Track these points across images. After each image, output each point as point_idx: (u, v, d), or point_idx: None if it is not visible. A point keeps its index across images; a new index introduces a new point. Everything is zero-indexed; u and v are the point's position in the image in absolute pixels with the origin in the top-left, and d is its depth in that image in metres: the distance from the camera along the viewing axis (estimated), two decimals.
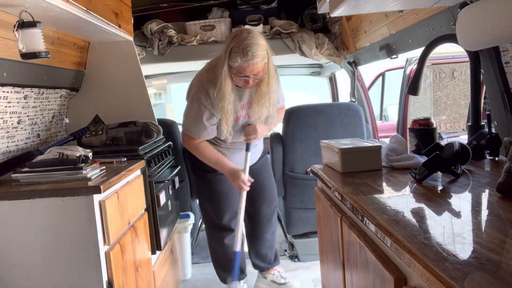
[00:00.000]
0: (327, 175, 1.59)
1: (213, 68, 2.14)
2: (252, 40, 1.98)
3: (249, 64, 1.99)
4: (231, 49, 1.98)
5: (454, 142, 1.41)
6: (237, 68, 2.01)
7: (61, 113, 2.53)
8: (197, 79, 2.23)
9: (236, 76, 2.05)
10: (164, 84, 5.58)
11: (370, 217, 1.05)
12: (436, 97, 4.30)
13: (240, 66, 2.00)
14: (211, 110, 2.15)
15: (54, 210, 1.55)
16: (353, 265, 1.27)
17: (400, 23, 2.20)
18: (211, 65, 2.20)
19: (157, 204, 2.20)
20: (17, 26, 1.56)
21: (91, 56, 2.62)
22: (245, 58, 1.97)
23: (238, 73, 2.04)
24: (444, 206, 1.10)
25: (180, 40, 3.14)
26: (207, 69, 2.21)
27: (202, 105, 2.14)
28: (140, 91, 2.69)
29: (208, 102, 2.13)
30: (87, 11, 1.90)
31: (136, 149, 2.17)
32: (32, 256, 1.57)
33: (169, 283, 2.49)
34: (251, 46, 1.97)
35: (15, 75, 1.84)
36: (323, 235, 1.72)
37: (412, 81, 1.81)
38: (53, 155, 1.70)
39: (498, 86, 1.59)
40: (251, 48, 1.96)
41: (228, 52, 1.99)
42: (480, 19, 1.31)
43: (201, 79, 2.19)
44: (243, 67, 2.00)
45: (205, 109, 2.15)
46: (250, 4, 3.22)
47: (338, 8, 1.65)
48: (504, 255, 0.76)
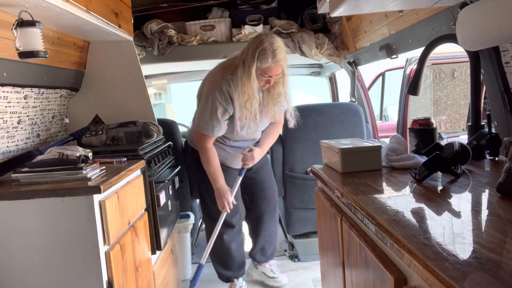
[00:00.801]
0: (327, 175, 1.59)
1: (227, 68, 2.28)
2: (278, 44, 2.19)
3: (276, 65, 2.17)
4: (259, 51, 2.14)
5: (454, 142, 1.41)
6: (265, 69, 2.17)
7: (61, 113, 2.53)
8: (211, 77, 2.34)
9: (261, 77, 2.20)
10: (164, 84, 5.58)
11: (370, 217, 1.05)
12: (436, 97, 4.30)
13: (269, 67, 2.16)
14: (225, 106, 2.26)
15: (54, 210, 1.55)
16: (353, 265, 1.27)
17: (400, 23, 2.20)
18: (224, 66, 2.33)
19: (157, 204, 2.20)
20: (15, 25, 1.56)
21: (91, 56, 2.62)
22: (275, 59, 2.15)
23: (263, 74, 2.19)
24: (444, 206, 1.10)
25: (180, 40, 3.14)
26: (220, 69, 2.32)
27: (217, 101, 2.25)
28: (140, 91, 2.69)
29: (223, 98, 2.24)
30: (87, 11, 1.90)
31: (136, 149, 2.17)
32: (32, 256, 1.57)
33: (169, 283, 2.49)
34: (279, 49, 2.17)
35: (15, 75, 1.84)
36: (323, 235, 1.72)
37: (412, 81, 1.81)
38: (53, 155, 1.70)
39: (498, 86, 1.59)
40: (279, 50, 2.16)
41: (257, 54, 2.14)
42: (480, 19, 1.31)
43: (215, 77, 2.29)
44: (271, 67, 2.16)
45: (220, 105, 2.25)
46: (250, 4, 3.22)
47: (338, 8, 1.65)
48: (504, 255, 0.76)
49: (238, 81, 2.19)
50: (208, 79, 2.36)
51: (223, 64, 2.36)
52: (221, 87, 2.24)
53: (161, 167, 2.45)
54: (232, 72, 2.24)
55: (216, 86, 2.25)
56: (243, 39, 3.15)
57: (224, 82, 2.24)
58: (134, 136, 2.31)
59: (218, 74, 2.28)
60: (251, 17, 3.20)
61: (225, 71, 2.27)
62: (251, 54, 2.16)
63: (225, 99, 2.25)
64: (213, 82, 2.28)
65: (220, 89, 2.24)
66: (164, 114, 6.48)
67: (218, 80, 2.26)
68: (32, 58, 1.61)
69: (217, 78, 2.27)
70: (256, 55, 2.14)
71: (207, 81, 2.36)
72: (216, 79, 2.27)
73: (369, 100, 3.50)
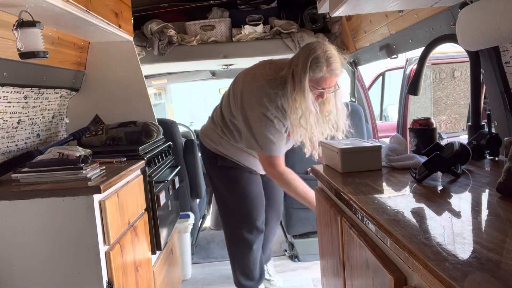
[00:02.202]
0: (327, 175, 1.59)
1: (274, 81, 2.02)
2: (333, 51, 1.94)
3: (331, 75, 1.94)
4: (311, 60, 1.89)
5: (454, 142, 1.41)
6: (318, 80, 1.93)
7: (61, 113, 2.53)
8: (260, 93, 2.01)
9: (313, 89, 1.95)
10: (164, 84, 5.58)
11: (370, 217, 1.05)
12: (436, 97, 4.30)
13: (323, 77, 1.92)
14: (284, 122, 2.04)
15: (54, 210, 1.55)
16: (353, 265, 1.27)
17: (400, 23, 2.20)
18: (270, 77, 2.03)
19: (157, 204, 2.20)
20: (16, 25, 1.56)
21: (91, 56, 2.62)
22: (329, 68, 1.91)
23: (316, 86, 1.95)
24: (444, 206, 1.10)
25: (180, 40, 3.14)
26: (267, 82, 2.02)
27: (275, 119, 2.02)
28: (140, 91, 2.69)
29: (280, 115, 2.02)
30: (87, 11, 1.90)
31: (136, 149, 2.17)
32: (32, 256, 1.57)
33: (169, 283, 2.49)
34: (334, 57, 1.92)
35: (15, 75, 1.84)
36: (323, 235, 1.72)
37: (412, 81, 1.81)
38: (53, 155, 1.70)
39: (498, 86, 1.59)
40: (334, 59, 1.92)
41: (309, 63, 1.89)
42: (480, 19, 1.31)
43: (266, 93, 2.00)
44: (325, 78, 1.93)
45: (279, 121, 2.03)
46: (250, 4, 3.22)
47: (338, 8, 1.65)
48: (504, 255, 0.76)
49: (289, 96, 1.95)
50: (260, 96, 2.01)
51: (266, 75, 2.04)
52: (277, 103, 2.00)
53: (161, 167, 2.45)
54: (281, 86, 2.00)
55: (272, 103, 1.99)
56: (243, 39, 3.15)
57: (277, 98, 2.00)
58: (134, 136, 2.31)
59: (268, 90, 2.00)
60: (251, 17, 3.20)
61: (274, 86, 2.00)
62: (302, 63, 1.91)
63: (282, 115, 2.02)
64: (268, 100, 2.00)
65: (277, 106, 2.00)
66: (164, 114, 6.48)
67: (271, 96, 1.99)
68: (33, 58, 1.61)
69: (270, 95, 1.99)
70: (308, 64, 1.89)
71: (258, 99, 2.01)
72: (269, 95, 1.99)
73: (369, 100, 3.50)
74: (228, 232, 2.42)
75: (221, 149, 2.27)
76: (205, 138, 2.34)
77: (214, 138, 2.28)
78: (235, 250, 2.41)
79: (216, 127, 2.27)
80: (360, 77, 3.45)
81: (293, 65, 1.97)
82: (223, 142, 2.25)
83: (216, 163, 2.30)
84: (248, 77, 2.11)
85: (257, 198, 2.33)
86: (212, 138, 2.29)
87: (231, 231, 2.40)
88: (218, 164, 2.28)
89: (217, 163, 2.29)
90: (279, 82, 2.00)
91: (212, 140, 2.29)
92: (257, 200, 2.32)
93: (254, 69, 2.15)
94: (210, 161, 2.33)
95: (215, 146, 2.28)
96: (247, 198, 2.29)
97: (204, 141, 2.34)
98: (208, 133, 2.32)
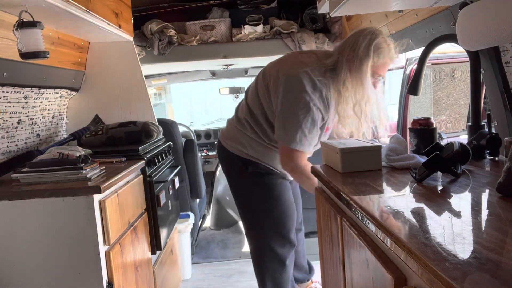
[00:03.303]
0: (327, 175, 1.59)
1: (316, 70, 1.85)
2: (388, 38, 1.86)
3: (392, 61, 1.85)
4: (375, 45, 1.78)
5: (454, 142, 1.41)
6: (379, 66, 1.82)
7: (61, 113, 2.53)
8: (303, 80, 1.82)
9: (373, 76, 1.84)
10: (164, 84, 5.58)
11: (370, 217, 1.05)
12: (436, 97, 4.30)
13: (384, 63, 1.83)
14: (324, 115, 1.88)
15: (54, 210, 1.55)
16: (353, 265, 1.27)
17: (400, 23, 2.20)
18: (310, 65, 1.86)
19: (157, 204, 2.20)
20: (16, 26, 1.56)
21: (91, 56, 2.62)
22: (391, 53, 1.82)
23: (375, 72, 1.83)
24: (444, 206, 1.10)
25: (180, 40, 3.14)
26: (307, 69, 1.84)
27: (318, 110, 1.84)
28: (140, 91, 2.69)
29: (322, 106, 1.85)
30: (87, 11, 1.90)
31: (136, 149, 2.17)
32: (32, 256, 1.57)
33: (169, 283, 2.49)
34: (393, 43, 1.85)
35: (15, 75, 1.84)
36: (323, 235, 1.71)
37: (412, 81, 1.81)
38: (53, 155, 1.70)
39: (498, 86, 1.59)
40: (393, 45, 1.84)
41: (372, 47, 1.78)
42: (480, 19, 1.31)
43: (309, 80, 1.82)
44: (385, 64, 1.84)
45: (320, 114, 1.85)
46: (250, 4, 3.22)
47: (338, 8, 1.65)
48: (504, 255, 0.76)
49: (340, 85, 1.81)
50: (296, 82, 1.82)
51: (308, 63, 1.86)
52: (322, 91, 1.82)
53: (161, 167, 2.45)
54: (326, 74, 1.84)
55: (315, 92, 1.82)
56: (243, 39, 3.15)
57: (322, 88, 1.83)
58: (134, 136, 2.31)
59: (312, 77, 1.82)
60: (251, 17, 3.20)
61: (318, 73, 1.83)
62: (364, 47, 1.77)
63: (324, 107, 1.86)
64: (312, 86, 1.82)
65: (321, 95, 1.82)
66: (164, 114, 6.48)
67: (315, 84, 1.82)
68: (34, 58, 1.61)
69: (314, 82, 1.82)
70: (371, 48, 1.77)
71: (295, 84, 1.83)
72: (314, 82, 1.81)
73: None
74: (259, 247, 2.13)
75: (252, 153, 2.02)
76: (229, 142, 2.08)
77: (244, 141, 2.03)
78: (266, 266, 2.12)
79: (244, 127, 2.03)
80: None
81: (346, 51, 1.82)
82: (254, 145, 2.02)
83: (246, 170, 2.03)
84: (286, 64, 1.93)
85: (291, 206, 2.12)
86: (241, 141, 2.04)
87: (262, 245, 2.11)
88: (249, 171, 2.03)
89: (248, 170, 2.03)
90: (323, 70, 1.85)
91: (240, 143, 2.04)
92: (291, 209, 2.11)
93: (290, 57, 1.99)
94: (238, 167, 2.06)
95: (245, 151, 2.03)
96: (281, 206, 2.07)
97: (229, 145, 2.08)
98: (235, 136, 2.06)
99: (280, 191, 2.07)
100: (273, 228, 2.06)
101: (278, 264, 2.10)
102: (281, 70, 1.90)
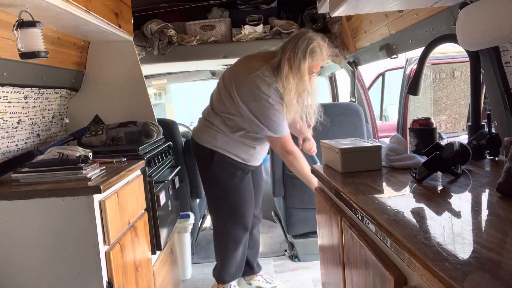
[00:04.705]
0: (327, 175, 1.59)
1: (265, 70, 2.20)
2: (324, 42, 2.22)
3: (324, 62, 2.24)
4: (310, 49, 2.16)
5: (454, 142, 1.41)
6: (314, 65, 2.20)
7: (61, 113, 2.53)
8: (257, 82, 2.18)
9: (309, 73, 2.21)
10: (164, 84, 5.58)
11: (370, 217, 1.05)
12: (436, 97, 4.30)
13: (318, 64, 2.21)
14: (281, 103, 2.22)
15: (54, 210, 1.55)
16: (353, 265, 1.27)
17: (400, 23, 2.20)
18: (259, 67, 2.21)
19: (157, 204, 2.20)
20: (16, 26, 1.56)
21: (91, 56, 2.62)
22: (325, 55, 2.20)
23: (311, 70, 2.20)
24: (444, 206, 1.10)
25: (180, 40, 3.14)
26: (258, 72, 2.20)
27: (277, 103, 2.20)
28: (140, 91, 2.69)
29: (278, 97, 2.20)
30: (87, 11, 1.90)
31: (136, 149, 2.17)
32: (32, 256, 1.57)
33: (169, 283, 2.49)
34: (326, 47, 2.23)
35: (15, 75, 1.84)
36: (323, 235, 1.72)
37: (412, 81, 1.81)
38: (53, 155, 1.70)
39: (498, 86, 1.59)
40: (327, 48, 2.22)
41: (308, 51, 2.16)
42: (480, 19, 1.31)
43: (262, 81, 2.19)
44: (319, 64, 2.22)
45: (279, 104, 2.21)
46: (250, 4, 3.22)
47: (338, 8, 1.65)
48: (504, 255, 0.76)
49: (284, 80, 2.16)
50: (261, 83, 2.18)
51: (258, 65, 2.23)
52: (276, 87, 2.19)
53: (161, 167, 2.45)
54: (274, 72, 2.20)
55: (271, 88, 2.18)
56: (243, 39, 3.15)
57: (273, 82, 2.19)
58: (134, 136, 2.31)
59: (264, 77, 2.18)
60: (251, 17, 3.20)
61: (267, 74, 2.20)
62: (301, 51, 2.15)
63: (279, 97, 2.20)
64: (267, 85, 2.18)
65: (275, 89, 2.19)
66: (164, 114, 6.48)
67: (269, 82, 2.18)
68: (34, 58, 1.61)
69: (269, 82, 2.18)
70: (307, 52, 2.15)
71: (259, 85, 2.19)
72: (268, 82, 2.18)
73: (369, 100, 3.50)
74: (218, 228, 2.51)
75: (219, 144, 2.33)
76: (199, 136, 2.39)
77: (212, 133, 2.34)
78: (228, 246, 2.48)
79: (211, 124, 2.34)
80: (360, 77, 3.45)
81: (287, 53, 2.18)
82: (219, 137, 2.32)
83: (212, 159, 2.34)
84: (240, 70, 2.28)
85: (251, 197, 2.46)
86: (210, 134, 2.34)
87: (221, 227, 2.49)
88: (214, 161, 2.34)
89: (213, 160, 2.34)
90: (271, 69, 2.20)
91: (210, 135, 2.34)
92: (251, 200, 2.46)
93: (242, 63, 2.33)
94: (206, 158, 2.37)
95: (213, 142, 2.33)
96: (242, 196, 2.41)
97: (199, 139, 2.39)
98: (203, 131, 2.38)
99: (246, 183, 2.41)
100: (236, 213, 2.42)
101: (233, 243, 2.46)
102: (237, 76, 2.26)
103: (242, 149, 2.35)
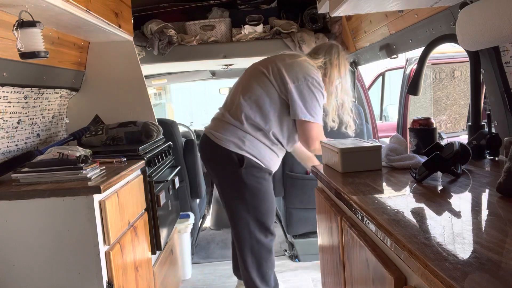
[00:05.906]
0: (327, 175, 1.59)
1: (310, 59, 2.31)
2: None
3: None
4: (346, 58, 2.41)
5: (454, 142, 1.41)
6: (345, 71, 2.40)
7: (61, 113, 2.53)
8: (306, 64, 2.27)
9: None
10: (164, 84, 5.58)
11: (370, 217, 1.05)
12: (436, 97, 4.30)
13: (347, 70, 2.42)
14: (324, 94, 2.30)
15: (54, 210, 1.55)
16: (353, 265, 1.27)
17: (400, 23, 2.20)
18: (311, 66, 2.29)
19: (157, 204, 2.20)
20: (16, 25, 1.56)
21: (91, 56, 2.62)
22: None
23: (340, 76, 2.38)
24: (444, 206, 1.10)
25: (180, 40, 3.14)
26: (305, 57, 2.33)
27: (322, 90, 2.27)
28: (140, 91, 2.69)
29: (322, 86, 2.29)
30: (87, 11, 1.90)
31: (136, 149, 2.17)
32: (32, 256, 1.57)
33: (169, 283, 2.49)
34: None
35: (15, 75, 1.84)
36: (323, 235, 1.72)
37: (412, 81, 1.81)
38: (53, 155, 1.70)
39: (498, 86, 1.59)
40: None
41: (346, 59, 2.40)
42: (480, 19, 1.31)
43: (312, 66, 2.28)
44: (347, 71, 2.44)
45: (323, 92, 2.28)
46: (250, 4, 3.22)
47: (338, 8, 1.65)
48: (504, 255, 0.76)
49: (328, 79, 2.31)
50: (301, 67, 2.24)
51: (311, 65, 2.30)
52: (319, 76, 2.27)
53: (161, 167, 2.45)
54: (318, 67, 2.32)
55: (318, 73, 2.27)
56: (243, 39, 3.15)
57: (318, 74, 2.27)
58: (134, 136, 2.31)
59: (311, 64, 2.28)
60: (251, 17, 3.20)
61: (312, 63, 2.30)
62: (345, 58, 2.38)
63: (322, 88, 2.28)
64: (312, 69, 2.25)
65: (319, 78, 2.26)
66: (164, 114, 6.48)
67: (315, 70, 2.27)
68: (33, 58, 1.61)
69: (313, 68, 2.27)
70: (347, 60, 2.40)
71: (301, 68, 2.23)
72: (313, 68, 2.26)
73: (369, 100, 3.51)
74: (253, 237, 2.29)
75: (247, 149, 2.17)
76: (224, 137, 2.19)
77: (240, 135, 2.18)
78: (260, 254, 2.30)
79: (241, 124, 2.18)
80: (360, 77, 3.45)
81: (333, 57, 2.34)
82: (247, 141, 2.17)
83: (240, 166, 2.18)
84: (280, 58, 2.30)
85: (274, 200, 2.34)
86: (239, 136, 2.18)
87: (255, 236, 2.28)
88: (244, 166, 2.18)
89: (243, 165, 2.18)
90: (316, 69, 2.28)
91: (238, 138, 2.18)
92: (274, 203, 2.33)
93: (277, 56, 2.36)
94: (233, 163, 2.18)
95: (242, 146, 2.17)
96: (267, 200, 2.26)
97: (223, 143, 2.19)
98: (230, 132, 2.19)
99: (269, 186, 2.30)
100: (263, 218, 2.27)
101: (268, 253, 2.31)
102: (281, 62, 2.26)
103: (267, 154, 2.23)
